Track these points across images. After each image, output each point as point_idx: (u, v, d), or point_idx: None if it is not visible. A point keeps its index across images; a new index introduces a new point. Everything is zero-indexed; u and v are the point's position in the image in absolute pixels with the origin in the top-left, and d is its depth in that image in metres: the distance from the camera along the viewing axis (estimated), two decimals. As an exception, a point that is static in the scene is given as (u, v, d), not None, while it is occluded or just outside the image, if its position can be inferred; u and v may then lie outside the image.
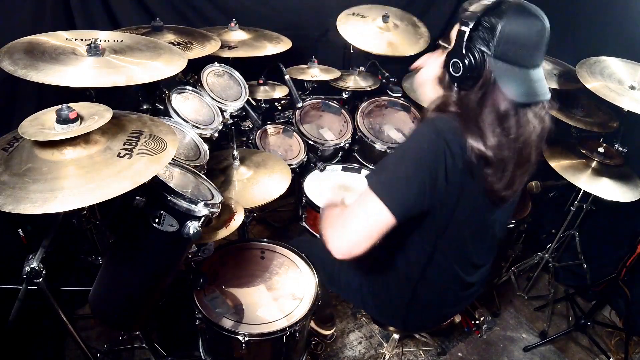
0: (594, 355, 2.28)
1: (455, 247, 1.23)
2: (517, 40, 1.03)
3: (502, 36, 1.01)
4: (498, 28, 1.01)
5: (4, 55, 1.20)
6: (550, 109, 1.13)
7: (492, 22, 1.01)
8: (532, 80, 1.07)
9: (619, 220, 2.32)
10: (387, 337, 2.17)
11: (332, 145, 2.44)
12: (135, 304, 1.48)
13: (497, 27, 1.01)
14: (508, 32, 1.01)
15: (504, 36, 1.01)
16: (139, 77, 1.29)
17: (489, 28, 1.02)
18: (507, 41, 1.02)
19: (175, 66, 1.43)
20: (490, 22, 1.02)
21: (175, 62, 1.45)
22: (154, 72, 1.35)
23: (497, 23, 1.01)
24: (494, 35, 1.01)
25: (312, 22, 2.74)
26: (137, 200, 1.21)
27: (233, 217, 1.64)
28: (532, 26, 1.03)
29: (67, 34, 1.44)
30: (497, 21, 1.01)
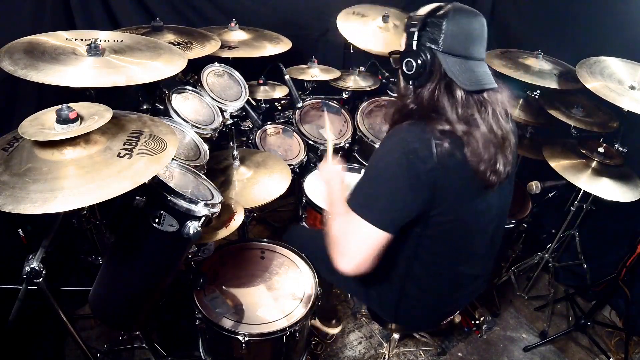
0: (594, 355, 2.28)
1: (443, 240, 1.23)
2: (461, 34, 1.13)
3: (447, 31, 1.11)
4: (443, 24, 1.11)
5: (4, 55, 1.20)
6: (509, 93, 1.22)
7: (438, 21, 1.12)
8: (478, 71, 1.16)
9: (619, 220, 2.32)
10: (387, 337, 2.17)
11: (332, 145, 2.44)
12: (135, 304, 1.48)
13: (442, 24, 1.11)
14: (452, 27, 1.12)
15: (449, 31, 1.12)
16: (139, 77, 1.29)
17: (435, 26, 1.12)
18: (452, 35, 1.12)
19: (175, 66, 1.43)
20: (436, 21, 1.12)
21: (175, 62, 1.45)
22: (154, 72, 1.35)
23: (442, 21, 1.11)
24: (440, 31, 1.12)
25: (312, 22, 2.74)
26: (137, 200, 1.21)
27: (233, 217, 1.64)
28: (473, 21, 1.14)
29: (67, 34, 1.44)
30: (442, 19, 1.11)
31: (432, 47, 1.13)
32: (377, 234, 1.11)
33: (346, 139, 2.47)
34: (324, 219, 1.61)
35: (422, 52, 1.13)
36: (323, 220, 2.03)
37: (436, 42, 1.12)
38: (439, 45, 1.12)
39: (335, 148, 2.45)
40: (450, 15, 1.11)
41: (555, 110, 2.20)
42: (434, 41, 1.12)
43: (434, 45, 1.13)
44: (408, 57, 1.16)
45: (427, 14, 1.13)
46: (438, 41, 1.12)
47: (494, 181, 1.16)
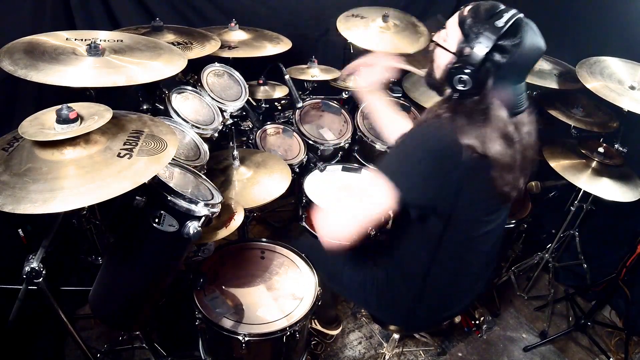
0: (594, 355, 2.28)
1: (459, 245, 1.24)
2: (522, 65, 1.10)
3: (512, 62, 1.06)
4: (515, 54, 1.05)
5: (4, 55, 1.20)
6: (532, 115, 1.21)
7: (508, 47, 1.05)
8: (520, 93, 1.15)
9: (619, 220, 2.32)
10: (387, 337, 2.17)
11: (332, 145, 2.44)
12: (135, 304, 1.48)
13: (515, 53, 1.05)
14: (517, 58, 1.06)
15: (514, 62, 1.07)
16: (139, 77, 1.29)
17: (506, 52, 1.05)
18: (517, 65, 1.09)
19: (175, 66, 1.42)
20: (506, 47, 1.05)
21: (175, 62, 1.45)
22: (154, 72, 1.35)
23: (513, 48, 1.04)
24: (509, 59, 1.06)
25: (312, 22, 2.74)
26: (137, 200, 1.21)
27: (233, 217, 1.63)
28: (536, 51, 1.09)
29: (67, 34, 1.44)
30: (513, 46, 1.04)
31: (492, 72, 1.08)
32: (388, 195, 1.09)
33: (346, 139, 2.47)
34: None
35: (482, 76, 1.08)
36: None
37: (500, 68, 1.07)
38: (500, 70, 1.07)
39: (335, 148, 2.45)
40: (522, 43, 1.05)
41: (555, 110, 2.20)
42: (498, 66, 1.07)
43: (495, 70, 1.08)
44: (464, 74, 1.09)
45: (499, 36, 1.04)
46: (501, 67, 1.07)
47: (513, 197, 1.19)
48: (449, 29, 1.16)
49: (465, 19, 1.10)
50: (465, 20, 1.10)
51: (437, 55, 1.21)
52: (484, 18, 1.07)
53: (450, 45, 1.14)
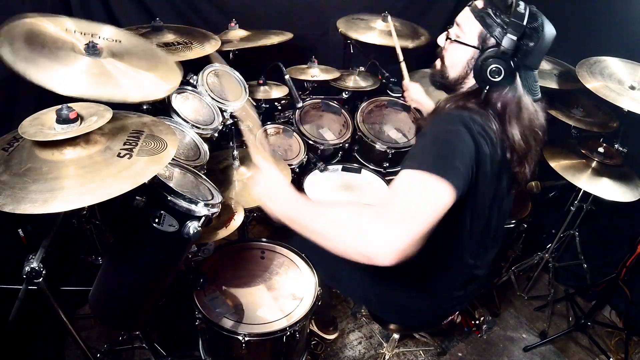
0: (594, 355, 2.28)
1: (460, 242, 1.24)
2: (543, 51, 1.12)
3: (537, 48, 1.09)
4: (539, 40, 1.08)
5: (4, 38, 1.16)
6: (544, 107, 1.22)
7: (535, 35, 1.08)
8: (537, 80, 1.17)
9: (619, 220, 2.32)
10: (387, 337, 2.17)
11: (332, 145, 2.44)
12: (135, 304, 1.48)
13: (539, 39, 1.08)
14: (541, 44, 1.09)
15: (538, 48, 1.09)
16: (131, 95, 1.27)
17: (531, 39, 1.08)
18: (539, 51, 1.11)
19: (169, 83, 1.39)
20: (533, 34, 1.08)
21: (170, 78, 1.41)
22: (145, 90, 1.33)
23: (537, 34, 1.07)
24: (535, 45, 1.08)
25: (312, 22, 2.74)
26: (137, 200, 1.21)
27: (233, 217, 1.64)
28: (552, 35, 1.11)
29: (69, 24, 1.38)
30: (537, 32, 1.07)
31: (522, 58, 1.09)
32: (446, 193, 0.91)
33: (346, 139, 2.47)
34: None
35: (514, 62, 1.09)
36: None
37: (526, 56, 1.09)
38: (527, 58, 1.10)
39: (335, 148, 2.45)
40: (544, 29, 1.08)
41: (555, 110, 2.19)
42: (525, 54, 1.09)
43: (524, 58, 1.09)
44: (498, 64, 1.09)
45: (526, 22, 1.06)
46: (528, 55, 1.09)
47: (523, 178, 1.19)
48: (462, 24, 1.16)
49: (483, 12, 1.11)
50: (484, 12, 1.11)
51: (452, 53, 1.20)
52: (503, 8, 1.10)
53: (469, 40, 1.15)
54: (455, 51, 1.19)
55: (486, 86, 1.12)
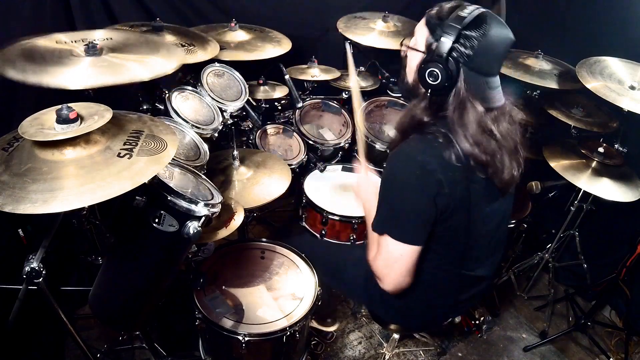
0: (594, 355, 2.28)
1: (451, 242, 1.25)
2: (491, 53, 1.10)
3: (480, 49, 1.07)
4: (479, 42, 1.07)
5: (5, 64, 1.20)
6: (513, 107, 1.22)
7: (474, 36, 1.07)
8: (493, 88, 1.15)
9: (619, 220, 2.32)
10: (387, 337, 2.17)
11: (332, 145, 2.44)
12: (135, 304, 1.48)
13: (479, 41, 1.06)
14: (485, 45, 1.07)
15: (482, 49, 1.08)
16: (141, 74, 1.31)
17: (470, 40, 1.07)
18: (483, 53, 1.09)
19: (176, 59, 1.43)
20: (473, 36, 1.07)
21: (174, 55, 1.45)
22: (155, 68, 1.37)
23: (479, 38, 1.06)
24: (474, 48, 1.07)
25: (312, 22, 2.74)
26: (137, 200, 1.21)
27: (233, 217, 1.64)
28: (504, 40, 1.10)
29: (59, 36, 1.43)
30: (479, 36, 1.06)
31: (460, 62, 1.08)
32: (407, 249, 1.16)
33: (346, 139, 2.47)
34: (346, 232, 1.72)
35: (451, 65, 1.09)
36: (323, 221, 2.03)
37: (466, 58, 1.08)
38: (468, 61, 1.08)
39: (335, 148, 2.45)
40: (488, 32, 1.06)
41: (555, 110, 2.20)
42: (465, 56, 1.08)
43: (464, 60, 1.08)
44: (434, 67, 1.10)
45: (464, 26, 1.06)
46: (469, 57, 1.08)
47: (510, 184, 1.20)
48: (417, 32, 1.19)
49: (431, 17, 1.14)
50: (431, 18, 1.14)
51: (409, 59, 1.23)
52: (448, 12, 1.11)
53: (419, 46, 1.17)
54: (411, 57, 1.22)
55: (427, 90, 1.15)
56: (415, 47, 1.18)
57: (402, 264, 1.18)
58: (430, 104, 1.16)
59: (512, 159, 1.19)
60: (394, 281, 1.22)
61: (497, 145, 1.14)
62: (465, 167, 1.12)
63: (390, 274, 1.21)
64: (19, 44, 1.33)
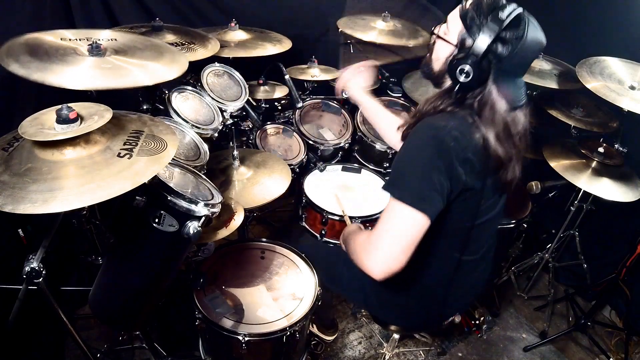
0: (594, 355, 2.28)
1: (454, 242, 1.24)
2: (523, 58, 1.10)
3: (515, 54, 1.07)
4: (515, 45, 1.05)
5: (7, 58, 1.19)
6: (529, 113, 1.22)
7: (513, 40, 1.06)
8: (520, 87, 1.16)
9: (619, 220, 2.32)
10: (387, 337, 2.17)
11: (332, 145, 2.44)
12: (135, 304, 1.48)
13: (515, 44, 1.05)
14: (519, 51, 1.06)
15: (517, 54, 1.07)
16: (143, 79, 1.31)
17: (508, 43, 1.06)
18: (517, 58, 1.08)
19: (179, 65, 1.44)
20: (509, 39, 1.06)
21: (178, 61, 1.45)
22: (159, 74, 1.37)
23: (515, 41, 1.05)
24: (510, 52, 1.06)
25: (312, 22, 2.74)
26: (137, 200, 1.21)
27: (233, 217, 1.63)
28: (538, 45, 1.10)
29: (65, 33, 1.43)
30: (515, 39, 1.05)
31: (494, 64, 1.08)
32: (416, 218, 1.05)
33: (346, 139, 2.47)
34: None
35: (484, 65, 1.08)
36: (323, 221, 2.03)
37: (500, 60, 1.07)
38: (502, 63, 1.08)
39: (335, 148, 2.45)
40: (525, 36, 1.05)
41: (555, 110, 2.20)
42: (500, 58, 1.07)
43: (497, 62, 1.08)
44: (467, 65, 1.08)
45: (505, 26, 1.04)
46: (503, 59, 1.07)
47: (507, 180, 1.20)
48: (450, 22, 1.17)
49: (467, 12, 1.12)
50: (468, 12, 1.11)
51: (438, 48, 1.22)
52: (486, 10, 1.08)
53: (451, 38, 1.16)
54: (440, 46, 1.21)
55: (456, 85, 1.14)
56: (447, 39, 1.17)
57: (406, 235, 1.06)
58: (455, 98, 1.15)
59: (519, 160, 1.20)
60: (389, 257, 1.06)
61: (514, 146, 1.16)
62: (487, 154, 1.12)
63: (389, 247, 1.06)
64: (24, 37, 1.33)
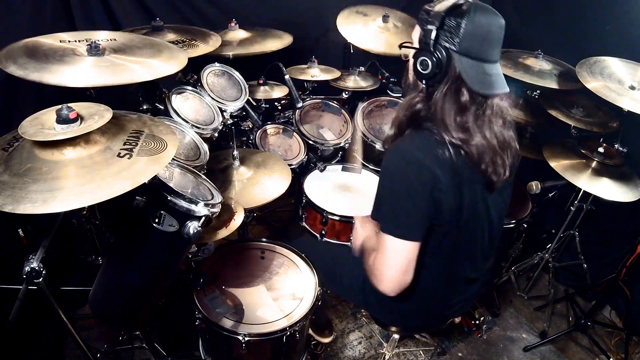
0: (594, 355, 2.28)
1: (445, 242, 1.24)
2: (479, 36, 1.11)
3: (465, 32, 1.08)
4: (462, 25, 1.08)
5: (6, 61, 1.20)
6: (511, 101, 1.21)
7: (457, 20, 1.09)
8: (491, 74, 1.15)
9: (619, 220, 2.32)
10: (387, 337, 2.17)
11: (332, 145, 2.44)
12: (135, 304, 1.48)
13: (461, 24, 1.08)
14: (471, 28, 1.08)
15: (468, 32, 1.08)
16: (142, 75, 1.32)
17: (454, 25, 1.09)
18: (470, 37, 1.09)
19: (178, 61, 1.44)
20: (455, 20, 1.09)
21: (176, 57, 1.46)
22: (158, 69, 1.37)
23: (461, 20, 1.08)
24: (459, 32, 1.08)
25: (312, 22, 2.74)
26: (137, 200, 1.21)
27: (233, 217, 1.64)
28: (493, 22, 1.11)
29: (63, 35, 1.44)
30: (461, 19, 1.08)
31: (449, 47, 1.10)
32: (406, 246, 1.15)
33: (346, 139, 2.47)
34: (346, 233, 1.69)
35: (439, 52, 1.11)
36: (323, 221, 2.03)
37: (453, 42, 1.09)
38: (455, 45, 1.09)
39: (335, 148, 2.45)
40: (470, 14, 1.07)
41: (555, 110, 2.20)
42: (451, 41, 1.10)
43: (451, 45, 1.10)
44: (423, 56, 1.13)
45: (445, 12, 1.09)
46: (455, 41, 1.09)
47: (495, 180, 1.18)
48: (413, 31, 1.22)
49: (420, 14, 1.17)
50: (421, 14, 1.16)
51: (409, 60, 1.26)
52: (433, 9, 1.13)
53: (414, 43, 1.20)
54: (409, 56, 1.24)
55: (422, 81, 1.17)
56: (411, 45, 1.21)
57: (401, 261, 1.17)
58: (427, 95, 1.18)
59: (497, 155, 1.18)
60: (393, 280, 1.19)
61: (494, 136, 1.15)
62: (459, 162, 1.12)
63: (390, 272, 1.19)
64: (23, 41, 1.34)
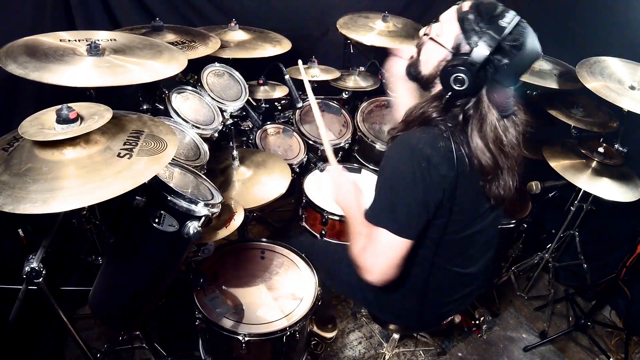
0: (594, 355, 2.28)
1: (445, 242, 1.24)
2: (520, 68, 1.08)
3: (511, 66, 1.04)
4: (513, 57, 1.03)
5: (6, 59, 1.20)
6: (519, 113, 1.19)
7: (510, 50, 1.03)
8: (510, 97, 1.12)
9: (619, 220, 2.32)
10: (387, 337, 2.17)
11: (332, 145, 2.44)
12: (135, 304, 1.48)
13: (513, 55, 1.03)
14: (517, 63, 1.05)
15: (513, 66, 1.05)
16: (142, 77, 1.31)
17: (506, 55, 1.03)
18: (513, 68, 1.06)
19: (178, 63, 1.43)
20: (508, 51, 1.03)
21: (176, 59, 1.45)
22: (158, 71, 1.37)
23: (514, 52, 1.03)
24: (508, 63, 1.04)
25: (312, 22, 2.74)
26: (137, 200, 1.21)
27: (233, 217, 1.64)
28: (535, 55, 1.07)
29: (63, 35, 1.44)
30: (515, 50, 1.02)
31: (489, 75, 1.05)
32: (401, 243, 1.12)
33: (346, 139, 2.47)
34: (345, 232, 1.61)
35: (482, 74, 1.04)
36: (323, 221, 2.03)
37: (498, 71, 1.04)
38: (498, 73, 1.05)
39: (335, 148, 2.45)
40: (523, 46, 1.02)
41: (555, 110, 2.20)
42: (497, 69, 1.04)
43: (493, 73, 1.05)
44: (462, 74, 1.04)
45: (503, 38, 1.01)
46: (500, 70, 1.04)
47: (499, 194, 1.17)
48: (444, 23, 1.12)
49: (465, 15, 1.07)
50: (466, 16, 1.06)
51: (428, 49, 1.17)
52: (486, 16, 1.04)
53: (445, 41, 1.11)
54: (431, 48, 1.16)
55: (448, 92, 1.09)
56: (440, 42, 1.12)
57: (393, 256, 1.14)
58: (445, 105, 1.12)
59: (511, 172, 1.17)
60: (381, 273, 1.16)
61: (506, 157, 1.13)
62: (467, 167, 1.10)
63: (379, 266, 1.15)
64: (23, 39, 1.33)
